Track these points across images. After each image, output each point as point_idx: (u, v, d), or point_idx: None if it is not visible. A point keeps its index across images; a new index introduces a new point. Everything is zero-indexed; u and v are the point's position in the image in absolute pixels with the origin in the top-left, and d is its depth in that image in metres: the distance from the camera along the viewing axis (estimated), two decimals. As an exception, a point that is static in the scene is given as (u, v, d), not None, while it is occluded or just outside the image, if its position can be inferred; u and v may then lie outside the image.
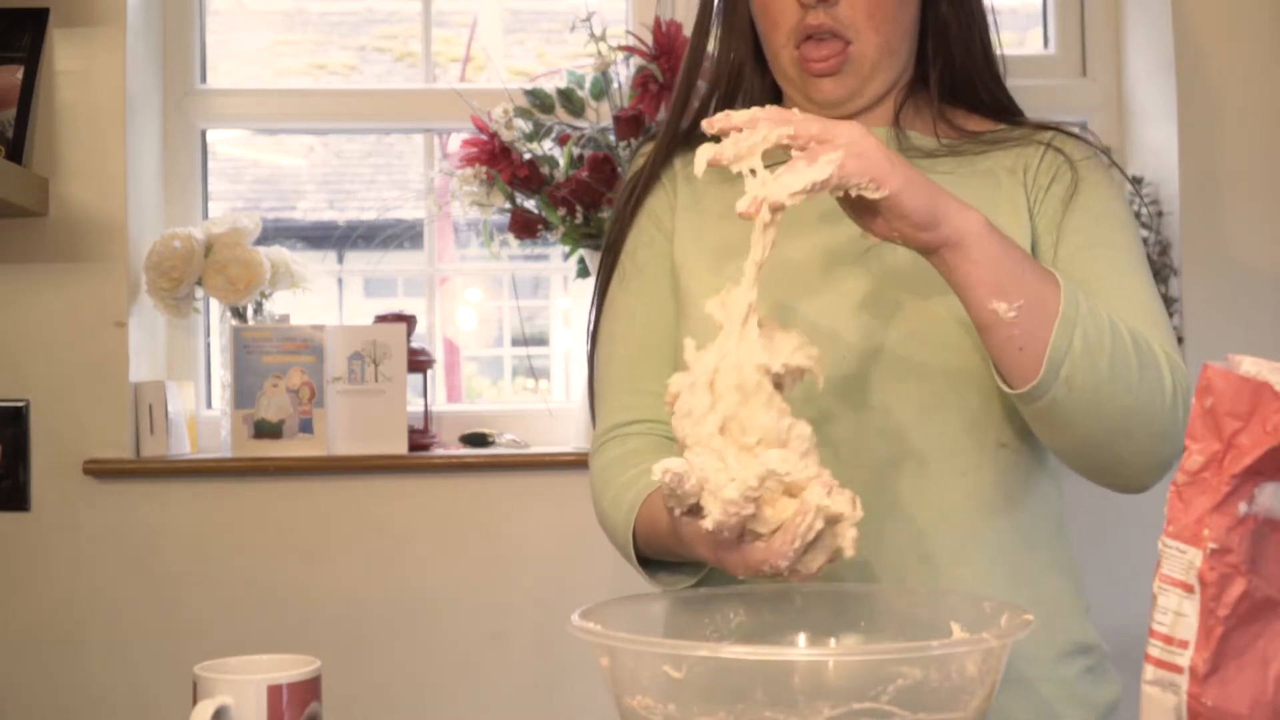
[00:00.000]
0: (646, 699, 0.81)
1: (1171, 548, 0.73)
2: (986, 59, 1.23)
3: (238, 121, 2.28)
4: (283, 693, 0.95)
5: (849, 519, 0.85)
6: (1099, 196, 1.16)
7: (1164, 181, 2.12)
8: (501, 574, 2.03)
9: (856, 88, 1.17)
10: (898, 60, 1.19)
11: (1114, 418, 1.00)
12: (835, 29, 1.14)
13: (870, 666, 0.80)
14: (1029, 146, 1.19)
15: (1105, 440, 1.02)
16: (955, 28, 1.20)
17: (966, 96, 1.23)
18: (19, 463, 1.98)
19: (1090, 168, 1.17)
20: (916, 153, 1.18)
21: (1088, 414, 0.99)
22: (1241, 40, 2.09)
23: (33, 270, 1.98)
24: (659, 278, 1.22)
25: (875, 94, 1.19)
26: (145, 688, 1.97)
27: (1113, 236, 1.14)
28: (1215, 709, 0.72)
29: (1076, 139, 1.20)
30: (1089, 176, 1.16)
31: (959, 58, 1.21)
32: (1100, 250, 1.13)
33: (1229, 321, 2.07)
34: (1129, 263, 1.13)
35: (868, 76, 1.17)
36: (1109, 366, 0.98)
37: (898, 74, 1.20)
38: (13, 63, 1.97)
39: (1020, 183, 1.17)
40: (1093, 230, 1.14)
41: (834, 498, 0.85)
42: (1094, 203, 1.15)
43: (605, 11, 2.12)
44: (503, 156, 2.04)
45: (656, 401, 1.13)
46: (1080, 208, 1.15)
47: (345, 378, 2.01)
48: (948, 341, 1.10)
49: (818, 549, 0.86)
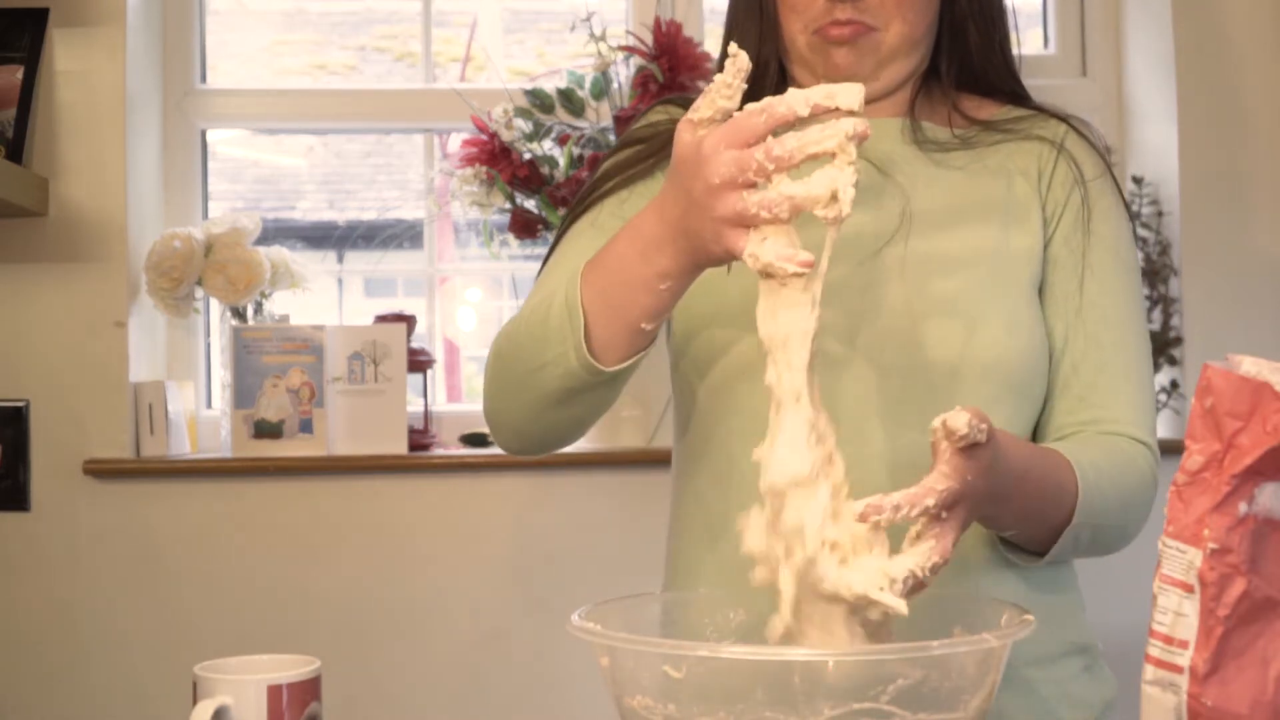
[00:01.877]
0: (646, 699, 0.81)
1: (1171, 548, 0.73)
2: (1004, 56, 1.22)
3: (238, 121, 2.29)
4: (283, 693, 0.95)
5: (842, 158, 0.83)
6: (1108, 224, 1.17)
7: (1164, 181, 2.12)
8: (501, 574, 2.03)
9: (872, 69, 1.16)
10: (918, 51, 1.18)
11: (1110, 545, 1.12)
12: (863, 20, 1.14)
13: (870, 666, 0.80)
14: (1043, 145, 1.19)
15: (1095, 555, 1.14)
16: (975, 22, 1.20)
17: (981, 85, 1.22)
18: (19, 463, 1.97)
19: (1101, 190, 1.18)
20: (931, 145, 1.17)
21: (1086, 554, 1.12)
22: (1241, 40, 2.09)
23: (33, 270, 1.98)
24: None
25: (891, 81, 1.18)
26: (145, 688, 1.97)
27: (1117, 280, 1.16)
28: (1215, 709, 0.72)
29: (1088, 144, 1.20)
30: (1100, 202, 1.17)
31: (976, 52, 1.21)
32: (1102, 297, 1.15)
33: (1229, 321, 2.07)
34: (1128, 309, 1.16)
35: (885, 61, 1.16)
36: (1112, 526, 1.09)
37: (916, 65, 1.19)
38: (13, 63, 1.97)
39: (1035, 189, 1.17)
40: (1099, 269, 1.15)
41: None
42: (1104, 231, 1.16)
43: (605, 11, 2.12)
44: (503, 156, 2.04)
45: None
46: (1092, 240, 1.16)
47: (345, 378, 2.01)
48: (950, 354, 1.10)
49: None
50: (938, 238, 1.13)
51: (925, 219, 1.13)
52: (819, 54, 1.16)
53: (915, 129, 1.18)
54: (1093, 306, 1.14)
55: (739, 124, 0.86)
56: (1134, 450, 1.11)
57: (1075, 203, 1.16)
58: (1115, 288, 1.16)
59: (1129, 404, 1.13)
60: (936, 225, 1.13)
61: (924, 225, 1.13)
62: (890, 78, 1.18)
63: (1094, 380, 1.13)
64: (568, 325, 1.02)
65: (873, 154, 1.16)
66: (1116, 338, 1.14)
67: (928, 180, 1.16)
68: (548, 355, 1.04)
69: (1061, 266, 1.15)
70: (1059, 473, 1.04)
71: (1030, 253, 1.14)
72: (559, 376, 1.04)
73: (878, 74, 1.17)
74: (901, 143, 1.18)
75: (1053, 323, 1.15)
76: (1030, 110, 1.22)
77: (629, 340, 1.01)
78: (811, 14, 1.15)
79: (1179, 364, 2.10)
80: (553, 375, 1.04)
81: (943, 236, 1.13)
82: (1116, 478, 1.08)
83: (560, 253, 1.20)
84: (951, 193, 1.15)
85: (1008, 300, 1.11)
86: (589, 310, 1.01)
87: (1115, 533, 1.10)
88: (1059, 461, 1.04)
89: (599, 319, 1.01)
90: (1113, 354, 1.13)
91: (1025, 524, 1.04)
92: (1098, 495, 1.05)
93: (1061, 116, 1.21)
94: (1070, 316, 1.14)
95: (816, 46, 1.16)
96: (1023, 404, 1.12)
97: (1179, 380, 2.10)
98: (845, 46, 1.14)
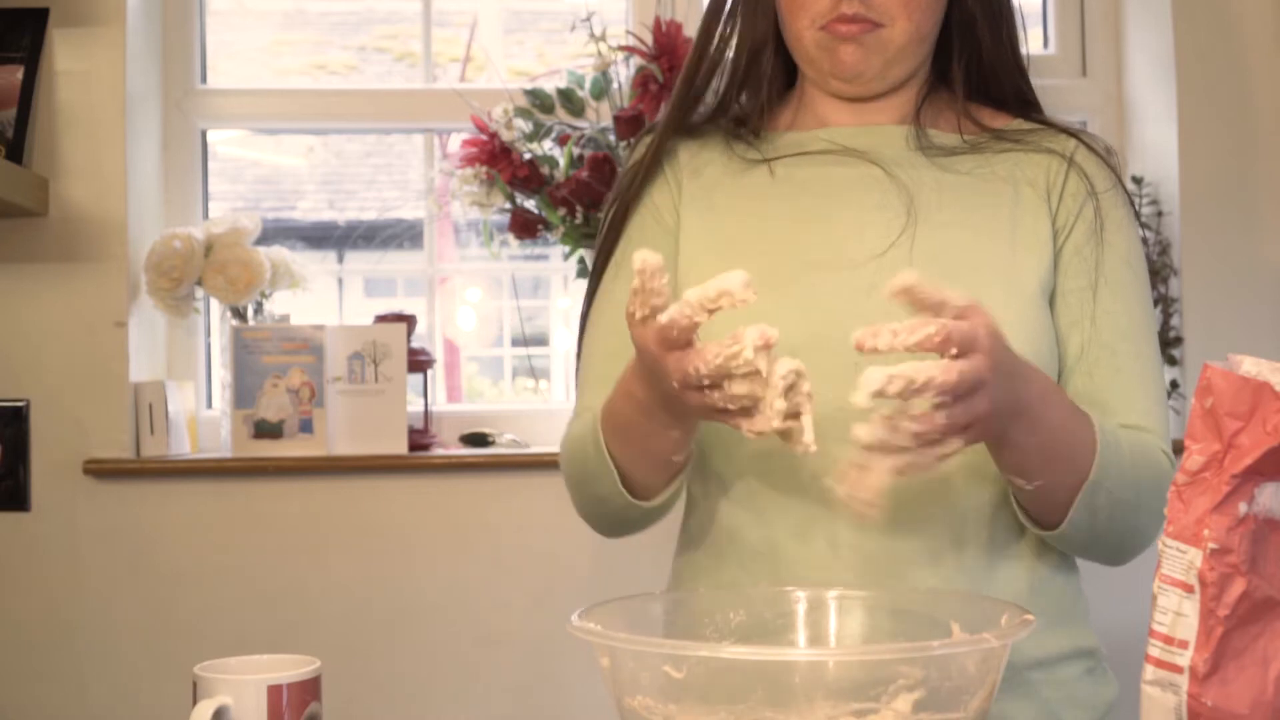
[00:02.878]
0: (646, 699, 0.81)
1: (1171, 548, 0.73)
2: (1013, 54, 1.22)
3: (238, 121, 2.29)
4: (283, 693, 0.95)
5: (774, 386, 0.86)
6: (1122, 235, 1.16)
7: (1164, 181, 2.12)
8: (501, 574, 2.03)
9: (879, 67, 1.16)
10: (923, 49, 1.18)
11: (1125, 536, 1.09)
12: (869, 17, 1.13)
13: (870, 667, 0.80)
14: (1052, 158, 1.18)
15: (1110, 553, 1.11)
16: (982, 22, 1.20)
17: (992, 92, 1.22)
18: (19, 463, 1.98)
19: (1114, 202, 1.17)
20: (936, 151, 1.17)
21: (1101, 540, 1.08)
22: (1242, 40, 2.09)
23: (33, 270, 1.98)
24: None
25: (897, 78, 1.18)
26: (145, 687, 1.97)
27: (1130, 291, 1.15)
28: (1215, 709, 0.72)
29: (1098, 158, 1.19)
30: (1113, 214, 1.16)
31: (985, 52, 1.20)
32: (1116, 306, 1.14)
33: (1229, 321, 2.07)
34: (1141, 320, 1.15)
35: (892, 59, 1.16)
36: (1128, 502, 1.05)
37: (920, 63, 1.19)
38: (13, 63, 1.97)
39: (1044, 200, 1.16)
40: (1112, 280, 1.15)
41: (769, 354, 0.86)
42: (1118, 242, 1.16)
43: (605, 11, 2.12)
44: (503, 156, 2.04)
45: None
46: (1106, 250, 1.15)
47: (345, 378, 2.01)
48: None
49: (760, 389, 0.87)
50: (943, 240, 1.12)
51: (930, 221, 1.13)
52: (826, 51, 1.16)
53: (920, 135, 1.18)
54: (1107, 315, 1.14)
55: (664, 334, 0.89)
56: (1151, 443, 1.10)
57: (1088, 215, 1.16)
58: (1129, 298, 1.15)
59: (1145, 411, 1.12)
60: (942, 227, 1.13)
61: (929, 227, 1.13)
62: (896, 75, 1.18)
63: (1109, 386, 1.12)
64: (604, 471, 1.09)
65: (877, 157, 1.17)
66: (1131, 347, 1.13)
67: (934, 184, 1.16)
68: (601, 491, 1.12)
69: (1074, 276, 1.15)
70: (1078, 419, 1.02)
71: (1039, 262, 1.14)
72: (620, 509, 1.12)
73: (884, 72, 1.17)
74: (906, 149, 1.18)
75: (1067, 332, 1.14)
76: (1041, 124, 1.21)
77: (663, 474, 1.09)
78: (818, 9, 1.14)
79: (1179, 364, 2.10)
80: (614, 507, 1.12)
81: (948, 239, 1.13)
82: (1134, 454, 1.06)
83: (594, 324, 1.24)
84: (957, 197, 1.15)
85: (1014, 305, 1.10)
86: (618, 458, 1.08)
87: (1130, 514, 1.07)
88: (1077, 410, 1.03)
89: (628, 464, 1.08)
90: (1127, 362, 1.13)
91: (1048, 465, 1.00)
92: (1114, 455, 1.03)
93: (1073, 132, 1.21)
94: (1085, 325, 1.13)
95: (824, 43, 1.15)
96: None
97: (1179, 380, 2.10)
98: (853, 44, 1.14)
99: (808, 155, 1.19)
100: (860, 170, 1.16)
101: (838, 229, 1.14)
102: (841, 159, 1.17)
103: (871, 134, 1.19)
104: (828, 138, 1.19)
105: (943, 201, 1.14)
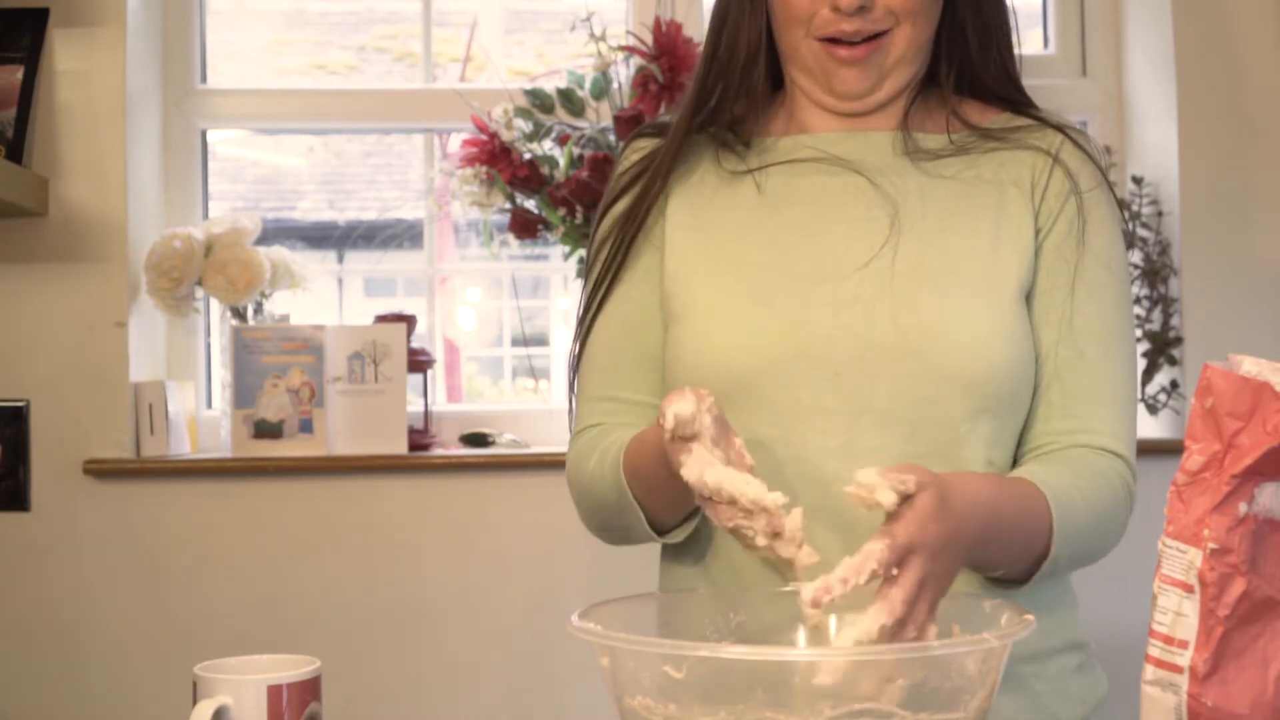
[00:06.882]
0: (646, 699, 0.81)
1: (1171, 548, 0.73)
2: (1004, 62, 1.22)
3: (238, 121, 2.29)
4: (283, 693, 0.95)
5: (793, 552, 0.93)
6: (1103, 237, 1.16)
7: (1164, 181, 2.12)
8: (501, 574, 2.03)
9: (879, 79, 1.16)
10: (921, 57, 1.18)
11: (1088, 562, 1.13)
12: (869, 28, 1.13)
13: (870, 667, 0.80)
14: (1037, 155, 1.18)
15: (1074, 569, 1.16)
16: (973, 29, 1.20)
17: (980, 91, 1.22)
18: (19, 463, 1.98)
19: (1097, 201, 1.17)
20: (923, 155, 1.17)
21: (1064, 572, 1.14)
22: (1242, 40, 2.09)
23: (33, 270, 1.98)
24: (647, 280, 1.21)
25: (895, 88, 1.18)
26: (145, 687, 1.97)
27: (1107, 293, 1.16)
28: (1215, 709, 0.72)
29: (1084, 154, 1.19)
30: (1095, 213, 1.16)
31: (976, 56, 1.20)
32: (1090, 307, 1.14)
33: (1229, 321, 2.07)
34: (1116, 323, 1.16)
35: (891, 70, 1.16)
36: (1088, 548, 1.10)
37: (918, 70, 1.19)
38: (13, 63, 1.97)
39: (1028, 199, 1.16)
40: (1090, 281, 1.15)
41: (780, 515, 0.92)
42: (1098, 243, 1.16)
43: (605, 11, 2.12)
44: (503, 156, 2.04)
45: (630, 409, 1.18)
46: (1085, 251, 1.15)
47: (345, 378, 2.02)
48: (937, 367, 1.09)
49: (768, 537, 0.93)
50: (927, 249, 1.12)
51: (914, 230, 1.13)
52: (822, 65, 1.16)
53: (907, 140, 1.18)
54: (1081, 315, 1.14)
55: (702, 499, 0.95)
56: (1108, 466, 1.11)
57: (1070, 212, 1.16)
58: (1105, 300, 1.15)
59: (1109, 416, 1.13)
60: (926, 236, 1.13)
61: (913, 236, 1.13)
62: (892, 87, 1.18)
63: (1075, 389, 1.13)
64: (630, 511, 1.11)
65: (863, 166, 1.17)
66: (1101, 350, 1.14)
67: (919, 191, 1.16)
68: (625, 521, 1.14)
69: (1052, 274, 1.15)
70: (1032, 502, 1.04)
71: (1020, 263, 1.14)
72: (643, 535, 1.14)
73: (883, 83, 1.17)
74: (892, 155, 1.18)
75: (1040, 330, 1.14)
76: (1029, 119, 1.21)
77: (686, 509, 1.10)
78: (815, 24, 1.14)
79: (1179, 364, 2.10)
80: (639, 534, 1.14)
81: (932, 248, 1.13)
82: (1090, 499, 1.08)
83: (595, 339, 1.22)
84: (942, 204, 1.15)
85: (995, 312, 1.11)
86: (642, 500, 1.10)
87: (1091, 553, 1.11)
88: (1029, 490, 1.05)
89: (653, 506, 1.10)
90: (1096, 364, 1.13)
91: (1012, 562, 1.05)
92: (1072, 523, 1.05)
93: (1058, 126, 1.20)
94: (1058, 325, 1.14)
95: (823, 62, 1.16)
96: (1009, 416, 1.12)
97: (1179, 380, 2.10)
98: (855, 68, 1.15)
99: (795, 164, 1.19)
100: (846, 180, 1.16)
101: (823, 241, 1.14)
102: (828, 168, 1.17)
103: (859, 140, 1.19)
104: (815, 145, 1.19)
105: (927, 210, 1.14)
